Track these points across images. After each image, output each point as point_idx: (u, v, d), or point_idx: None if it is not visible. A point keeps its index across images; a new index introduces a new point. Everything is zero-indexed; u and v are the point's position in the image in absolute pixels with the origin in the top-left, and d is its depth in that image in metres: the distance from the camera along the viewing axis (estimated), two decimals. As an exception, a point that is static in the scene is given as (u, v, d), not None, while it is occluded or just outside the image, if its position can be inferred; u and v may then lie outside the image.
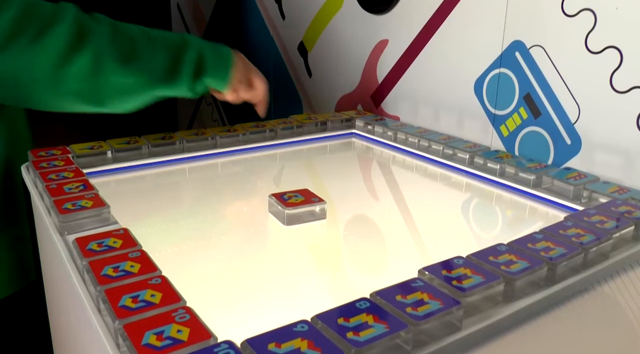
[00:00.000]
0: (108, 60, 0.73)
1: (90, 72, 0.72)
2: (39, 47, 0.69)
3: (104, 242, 0.52)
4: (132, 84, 0.76)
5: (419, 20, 0.99)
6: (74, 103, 0.75)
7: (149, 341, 0.37)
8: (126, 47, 0.75)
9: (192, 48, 0.81)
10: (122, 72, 0.74)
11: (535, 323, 0.46)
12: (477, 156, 0.82)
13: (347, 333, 0.38)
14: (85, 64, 0.71)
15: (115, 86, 0.75)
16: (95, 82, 0.73)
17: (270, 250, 0.64)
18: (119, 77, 0.74)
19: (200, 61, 0.82)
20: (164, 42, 0.80)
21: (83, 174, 0.69)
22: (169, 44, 0.80)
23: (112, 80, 0.74)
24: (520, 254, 0.50)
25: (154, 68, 0.77)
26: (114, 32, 0.75)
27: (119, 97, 0.77)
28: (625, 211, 0.61)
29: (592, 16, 0.73)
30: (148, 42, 0.78)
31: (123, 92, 0.76)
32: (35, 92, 0.73)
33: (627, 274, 0.54)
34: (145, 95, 0.79)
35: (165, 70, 0.78)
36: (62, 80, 0.72)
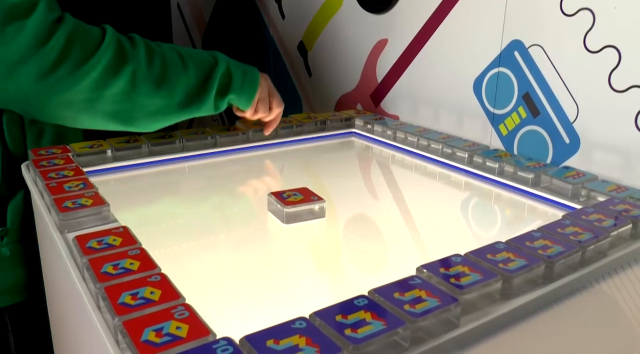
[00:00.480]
0: (142, 82, 0.74)
1: (126, 95, 0.73)
2: (82, 72, 0.70)
3: (104, 240, 0.52)
4: (163, 105, 0.77)
5: (418, 20, 1.00)
6: (106, 123, 0.76)
7: (148, 337, 0.37)
8: (159, 69, 0.76)
9: (221, 68, 0.83)
10: (155, 94, 0.76)
11: (533, 320, 0.46)
12: (476, 155, 0.83)
13: (345, 329, 0.38)
14: (121, 87, 0.72)
15: (147, 107, 0.76)
16: (129, 104, 0.74)
17: (269, 248, 0.64)
18: (152, 99, 0.76)
19: (227, 80, 0.83)
20: (194, 61, 0.81)
21: (83, 173, 0.70)
22: (200, 63, 0.81)
23: (146, 102, 0.75)
24: (518, 252, 0.50)
25: (185, 89, 0.79)
26: (148, 54, 0.76)
27: (151, 118, 0.78)
28: (623, 209, 0.61)
29: (591, 16, 0.73)
30: (180, 63, 0.79)
31: (155, 113, 0.78)
32: (70, 113, 0.73)
33: (624, 272, 0.55)
34: (175, 115, 0.80)
35: (195, 90, 0.80)
36: (98, 103, 0.72)
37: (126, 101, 0.74)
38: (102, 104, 0.73)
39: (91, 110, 0.73)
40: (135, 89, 0.74)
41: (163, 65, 0.77)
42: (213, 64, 0.82)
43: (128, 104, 0.74)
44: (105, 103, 0.73)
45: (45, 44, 0.67)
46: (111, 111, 0.74)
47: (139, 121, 0.78)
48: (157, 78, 0.76)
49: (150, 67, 0.75)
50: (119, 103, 0.74)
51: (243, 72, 0.86)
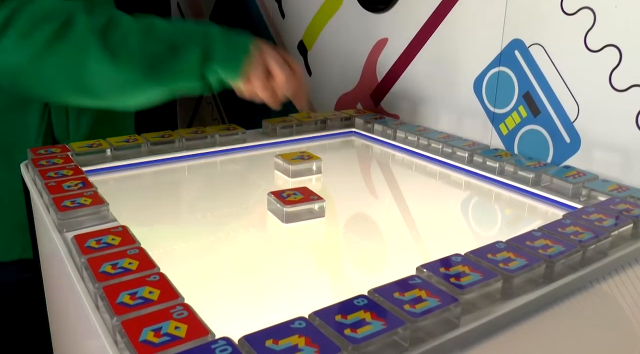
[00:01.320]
0: (93, 50, 0.71)
1: (76, 63, 0.72)
2: (28, 42, 0.71)
3: (103, 239, 0.52)
4: (124, 75, 0.73)
5: (418, 19, 0.99)
6: (77, 97, 0.76)
7: (147, 337, 0.37)
8: (115, 35, 0.73)
9: (200, 36, 0.77)
10: (109, 61, 0.72)
11: (533, 320, 0.46)
12: (476, 154, 0.82)
13: (345, 329, 0.38)
14: (67, 53, 0.72)
15: (105, 76, 0.73)
16: (80, 72, 0.72)
17: (268, 248, 0.64)
18: (106, 67, 0.72)
19: (206, 44, 0.77)
20: (168, 31, 0.77)
21: (82, 172, 0.69)
22: (174, 33, 0.77)
23: (100, 69, 0.72)
24: (518, 251, 0.50)
25: (148, 57, 0.74)
26: (108, 24, 0.74)
27: (116, 89, 0.75)
28: (624, 209, 0.61)
29: (592, 14, 0.73)
30: (146, 33, 0.75)
31: (117, 84, 0.75)
32: (27, 81, 0.75)
33: (625, 272, 0.54)
34: (147, 88, 0.77)
35: (164, 54, 0.75)
36: (45, 69, 0.72)
37: (75, 69, 0.72)
38: (49, 69, 0.72)
39: (40, 77, 0.73)
40: (85, 58, 0.71)
41: (122, 33, 0.73)
42: (192, 32, 0.77)
43: (78, 72, 0.72)
44: (52, 69, 0.72)
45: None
46: (63, 79, 0.73)
47: (104, 93, 0.75)
48: (111, 44, 0.72)
49: (103, 33, 0.72)
50: (68, 70, 0.72)
51: (227, 37, 0.79)
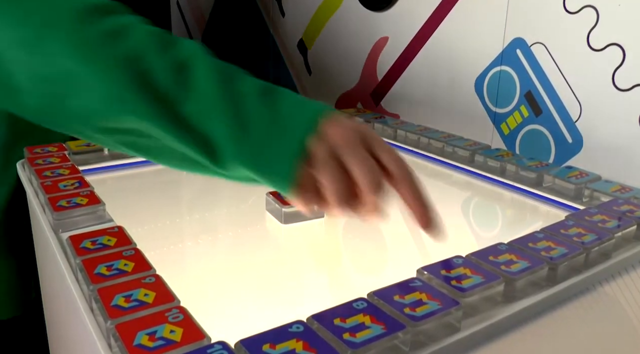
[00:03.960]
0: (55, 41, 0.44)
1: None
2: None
3: (98, 240, 0.51)
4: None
5: (419, 18, 0.99)
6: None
7: (141, 341, 0.36)
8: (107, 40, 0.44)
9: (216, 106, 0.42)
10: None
11: (536, 323, 0.45)
12: (477, 154, 0.82)
13: (344, 334, 0.37)
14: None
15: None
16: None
17: (267, 248, 0.64)
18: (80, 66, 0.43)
19: (213, 140, 0.43)
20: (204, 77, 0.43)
21: (79, 171, 0.69)
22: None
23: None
24: (520, 253, 0.49)
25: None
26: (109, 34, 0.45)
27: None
28: (627, 210, 0.60)
29: (595, 13, 0.72)
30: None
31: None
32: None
33: (629, 274, 0.54)
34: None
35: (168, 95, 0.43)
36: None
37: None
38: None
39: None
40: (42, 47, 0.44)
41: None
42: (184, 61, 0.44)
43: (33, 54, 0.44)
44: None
45: None
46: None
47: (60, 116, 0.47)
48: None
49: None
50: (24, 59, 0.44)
51: (264, 112, 0.42)
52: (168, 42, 0.45)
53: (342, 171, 0.41)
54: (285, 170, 0.40)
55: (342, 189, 0.41)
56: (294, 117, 0.41)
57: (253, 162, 0.41)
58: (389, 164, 0.42)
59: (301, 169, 0.40)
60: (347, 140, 0.41)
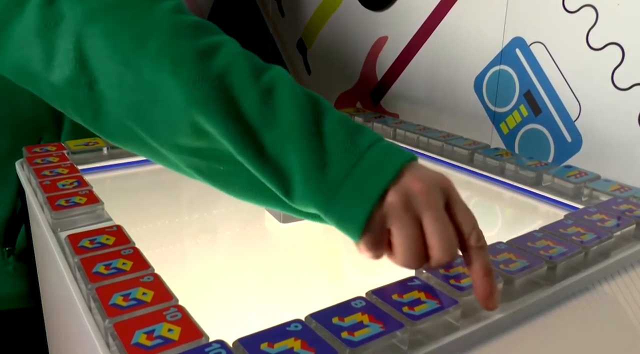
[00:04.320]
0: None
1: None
2: None
3: (97, 239, 0.51)
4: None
5: (418, 17, 0.98)
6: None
7: (139, 340, 0.36)
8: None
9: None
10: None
11: (535, 323, 0.45)
12: (476, 153, 0.81)
13: (342, 332, 0.37)
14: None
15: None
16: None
17: (265, 248, 0.63)
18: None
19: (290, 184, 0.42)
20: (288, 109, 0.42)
21: (77, 171, 0.69)
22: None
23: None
24: (519, 252, 0.49)
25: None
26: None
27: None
28: (626, 209, 0.60)
29: (594, 12, 0.72)
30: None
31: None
32: None
33: (627, 273, 0.54)
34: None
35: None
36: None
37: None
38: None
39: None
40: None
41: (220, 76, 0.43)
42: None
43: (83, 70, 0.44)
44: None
45: None
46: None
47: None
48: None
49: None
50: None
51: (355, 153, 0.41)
52: (257, 65, 0.44)
53: (416, 227, 0.39)
54: (359, 218, 0.39)
55: (414, 246, 0.39)
56: (377, 164, 0.40)
57: (324, 203, 0.40)
58: (464, 226, 0.40)
59: (374, 219, 0.39)
60: (426, 193, 0.39)
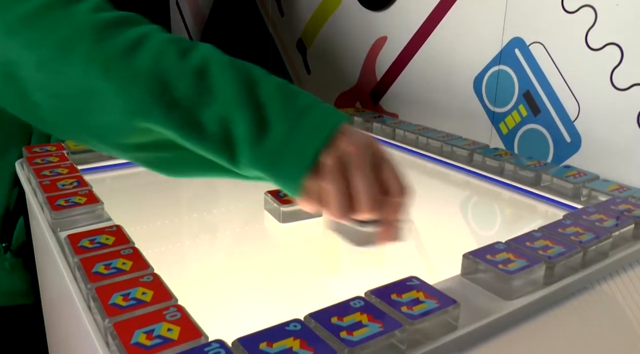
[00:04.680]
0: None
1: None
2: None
3: (96, 239, 0.51)
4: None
5: (417, 17, 0.99)
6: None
7: (139, 339, 0.36)
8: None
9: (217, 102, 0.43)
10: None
11: (534, 322, 0.45)
12: (476, 153, 0.82)
13: (341, 332, 0.37)
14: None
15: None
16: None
17: (265, 248, 0.64)
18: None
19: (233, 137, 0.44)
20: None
21: (77, 171, 0.69)
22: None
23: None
24: (518, 252, 0.49)
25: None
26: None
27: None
28: (625, 209, 0.60)
29: (593, 12, 0.72)
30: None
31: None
32: None
33: (626, 273, 0.54)
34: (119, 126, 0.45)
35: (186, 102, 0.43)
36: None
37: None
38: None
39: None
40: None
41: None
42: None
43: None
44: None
45: None
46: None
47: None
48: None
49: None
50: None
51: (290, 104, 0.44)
52: (185, 48, 0.45)
53: (346, 183, 0.43)
54: (296, 176, 0.43)
55: (343, 201, 0.43)
56: (312, 128, 0.43)
57: (267, 167, 0.43)
58: (390, 183, 0.45)
59: (310, 176, 0.43)
60: (356, 155, 0.43)
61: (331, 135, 0.43)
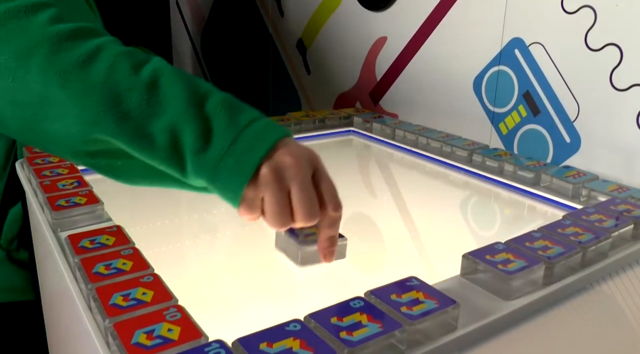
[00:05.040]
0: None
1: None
2: None
3: (97, 239, 0.51)
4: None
5: (417, 17, 0.99)
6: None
7: (139, 340, 0.36)
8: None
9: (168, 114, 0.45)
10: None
11: (533, 322, 0.45)
12: (475, 153, 0.82)
13: (341, 332, 0.37)
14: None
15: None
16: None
17: (264, 248, 0.63)
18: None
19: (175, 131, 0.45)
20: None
21: (78, 171, 0.69)
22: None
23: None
24: (517, 252, 0.49)
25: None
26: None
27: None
28: (624, 209, 0.60)
29: (592, 13, 0.72)
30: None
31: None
32: None
33: (625, 273, 0.54)
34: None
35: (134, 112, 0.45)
36: None
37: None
38: None
39: None
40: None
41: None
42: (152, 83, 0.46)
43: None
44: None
45: None
46: None
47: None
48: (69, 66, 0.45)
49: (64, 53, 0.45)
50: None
51: (232, 122, 0.46)
52: (138, 62, 0.47)
53: (283, 194, 0.45)
54: (237, 189, 0.45)
55: (279, 210, 0.45)
56: (253, 141, 0.45)
57: (209, 177, 0.45)
58: (325, 196, 0.48)
59: (250, 187, 0.45)
60: (295, 166, 0.45)
61: (272, 147, 0.45)
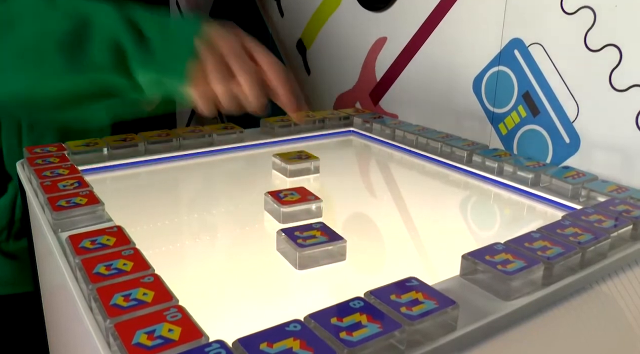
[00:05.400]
0: None
1: None
2: None
3: (97, 239, 0.51)
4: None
5: (417, 18, 0.99)
6: None
7: (140, 340, 0.37)
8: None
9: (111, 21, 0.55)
10: None
11: (532, 322, 0.46)
12: (475, 154, 0.82)
13: (340, 332, 0.37)
14: None
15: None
16: None
17: (265, 248, 0.64)
18: None
19: (118, 40, 0.55)
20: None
21: (78, 171, 0.69)
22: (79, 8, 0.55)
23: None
24: (516, 253, 0.49)
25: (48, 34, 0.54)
26: None
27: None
28: (623, 210, 0.60)
29: (592, 14, 0.73)
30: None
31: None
32: None
33: (625, 273, 0.54)
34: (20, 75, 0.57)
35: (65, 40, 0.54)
36: None
37: None
38: None
39: None
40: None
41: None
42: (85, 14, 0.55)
43: None
44: None
45: None
46: None
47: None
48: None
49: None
50: None
51: (156, 22, 0.57)
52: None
53: (220, 58, 0.54)
54: (181, 68, 0.53)
55: (219, 68, 0.53)
56: (183, 30, 0.55)
57: (156, 65, 0.53)
58: (264, 65, 0.58)
59: (194, 69, 0.53)
60: (230, 46, 0.54)
61: (202, 32, 0.54)
